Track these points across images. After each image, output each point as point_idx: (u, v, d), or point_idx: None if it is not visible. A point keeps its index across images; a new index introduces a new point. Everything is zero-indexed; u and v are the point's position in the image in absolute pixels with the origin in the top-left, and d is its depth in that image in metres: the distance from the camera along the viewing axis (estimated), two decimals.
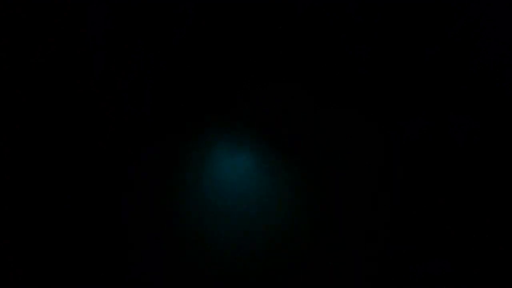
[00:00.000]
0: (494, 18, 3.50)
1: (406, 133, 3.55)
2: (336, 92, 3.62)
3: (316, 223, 3.47)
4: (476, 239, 3.36)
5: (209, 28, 3.64)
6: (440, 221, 3.43)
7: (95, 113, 3.49)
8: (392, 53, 3.59)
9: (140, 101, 3.57)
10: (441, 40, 3.55)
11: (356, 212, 3.48)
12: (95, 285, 3.30)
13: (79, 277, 3.29)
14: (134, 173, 3.51)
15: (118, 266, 3.34)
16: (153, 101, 3.59)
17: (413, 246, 3.41)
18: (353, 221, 3.46)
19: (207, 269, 3.39)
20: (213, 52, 3.66)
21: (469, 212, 3.41)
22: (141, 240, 3.40)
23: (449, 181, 3.48)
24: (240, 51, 3.66)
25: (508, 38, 3.50)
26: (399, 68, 3.59)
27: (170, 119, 3.60)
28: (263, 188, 3.54)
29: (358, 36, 3.61)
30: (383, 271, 3.38)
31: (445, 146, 3.52)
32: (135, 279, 3.35)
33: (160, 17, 3.59)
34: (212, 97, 3.62)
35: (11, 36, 3.38)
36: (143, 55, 3.58)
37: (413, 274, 3.36)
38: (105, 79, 3.52)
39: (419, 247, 3.41)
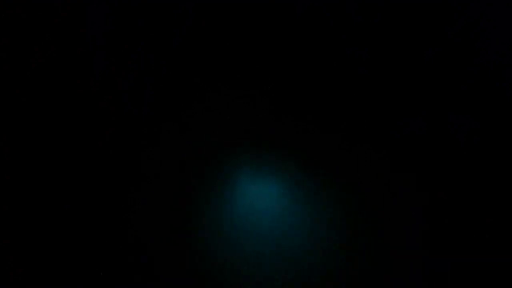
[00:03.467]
0: (494, 18, 3.50)
1: (406, 133, 3.55)
2: (336, 93, 3.62)
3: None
4: (476, 237, 3.36)
5: (209, 28, 3.64)
6: (440, 219, 3.43)
7: (95, 113, 3.49)
8: (392, 53, 3.59)
9: (140, 101, 3.57)
10: (441, 40, 3.55)
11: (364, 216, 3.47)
12: None
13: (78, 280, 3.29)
14: (133, 176, 3.51)
15: None
16: (153, 101, 3.59)
17: (414, 243, 3.41)
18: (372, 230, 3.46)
19: None
20: (214, 53, 3.66)
21: (469, 210, 3.41)
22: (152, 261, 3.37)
23: (449, 180, 3.48)
24: (241, 52, 3.65)
25: (508, 38, 3.50)
26: (399, 68, 3.59)
27: (171, 121, 3.60)
28: (292, 219, 3.47)
29: (358, 36, 3.60)
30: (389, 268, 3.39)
31: (445, 146, 3.51)
32: None
33: (160, 17, 3.59)
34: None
35: (11, 36, 3.38)
36: (143, 55, 3.58)
37: (415, 272, 3.35)
38: (105, 79, 3.52)
39: (420, 245, 3.41)
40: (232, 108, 3.59)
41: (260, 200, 3.52)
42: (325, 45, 3.62)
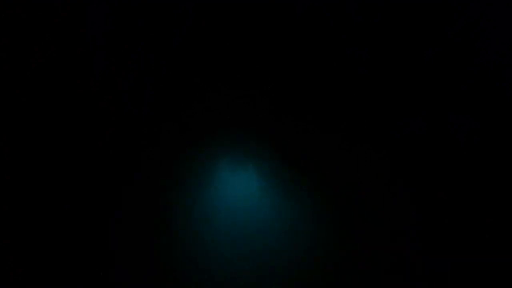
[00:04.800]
0: (494, 18, 3.50)
1: (406, 133, 3.55)
2: (336, 93, 3.62)
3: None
4: (476, 236, 3.36)
5: (209, 28, 3.64)
6: (440, 218, 3.43)
7: (95, 113, 3.49)
8: (392, 53, 3.59)
9: (140, 101, 3.57)
10: (441, 40, 3.55)
11: (363, 215, 3.47)
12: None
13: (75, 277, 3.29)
14: (133, 176, 3.51)
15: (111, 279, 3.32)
16: (153, 101, 3.59)
17: (414, 243, 3.41)
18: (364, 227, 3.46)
19: None
20: (214, 53, 3.66)
21: (469, 210, 3.41)
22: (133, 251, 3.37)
23: (449, 180, 3.48)
24: (241, 52, 3.65)
25: (508, 38, 3.50)
26: (399, 68, 3.59)
27: (171, 121, 3.60)
28: (272, 208, 3.46)
29: (358, 36, 3.60)
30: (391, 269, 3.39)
31: (445, 146, 3.51)
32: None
33: (160, 17, 3.59)
34: (213, 102, 3.61)
35: (11, 36, 3.38)
36: (143, 55, 3.58)
37: (416, 271, 3.36)
38: (105, 79, 3.52)
39: (421, 245, 3.41)
40: (228, 106, 3.59)
41: (241, 192, 3.52)
42: (325, 45, 3.62)
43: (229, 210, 3.51)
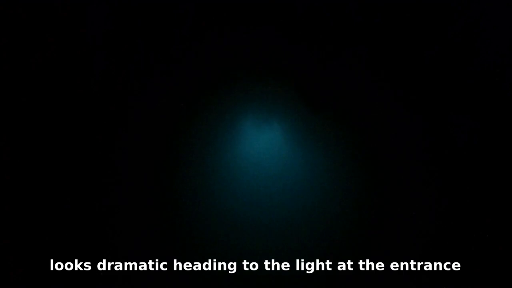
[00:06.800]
0: (494, 18, 3.50)
1: (406, 133, 3.55)
2: (336, 92, 3.62)
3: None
4: (476, 238, 3.36)
5: (209, 28, 3.64)
6: (440, 219, 3.43)
7: (95, 112, 3.49)
8: (392, 53, 3.59)
9: (139, 100, 3.57)
10: (441, 40, 3.55)
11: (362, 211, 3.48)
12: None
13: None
14: (138, 166, 3.51)
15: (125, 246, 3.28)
16: (152, 99, 3.59)
17: (414, 244, 3.41)
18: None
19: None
20: (214, 52, 3.66)
21: (469, 210, 3.41)
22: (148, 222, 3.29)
23: (449, 180, 3.48)
24: (241, 51, 3.66)
25: (508, 38, 3.50)
26: (399, 68, 3.59)
27: (171, 115, 3.60)
28: (298, 165, 3.34)
29: (358, 36, 3.60)
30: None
31: (445, 146, 3.51)
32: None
33: (160, 17, 3.59)
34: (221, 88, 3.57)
35: (11, 36, 3.38)
36: (143, 55, 3.58)
37: (416, 270, 3.36)
38: (105, 79, 3.52)
39: (420, 245, 3.41)
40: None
41: (264, 145, 3.39)
42: (325, 45, 3.62)
43: (254, 168, 3.37)
